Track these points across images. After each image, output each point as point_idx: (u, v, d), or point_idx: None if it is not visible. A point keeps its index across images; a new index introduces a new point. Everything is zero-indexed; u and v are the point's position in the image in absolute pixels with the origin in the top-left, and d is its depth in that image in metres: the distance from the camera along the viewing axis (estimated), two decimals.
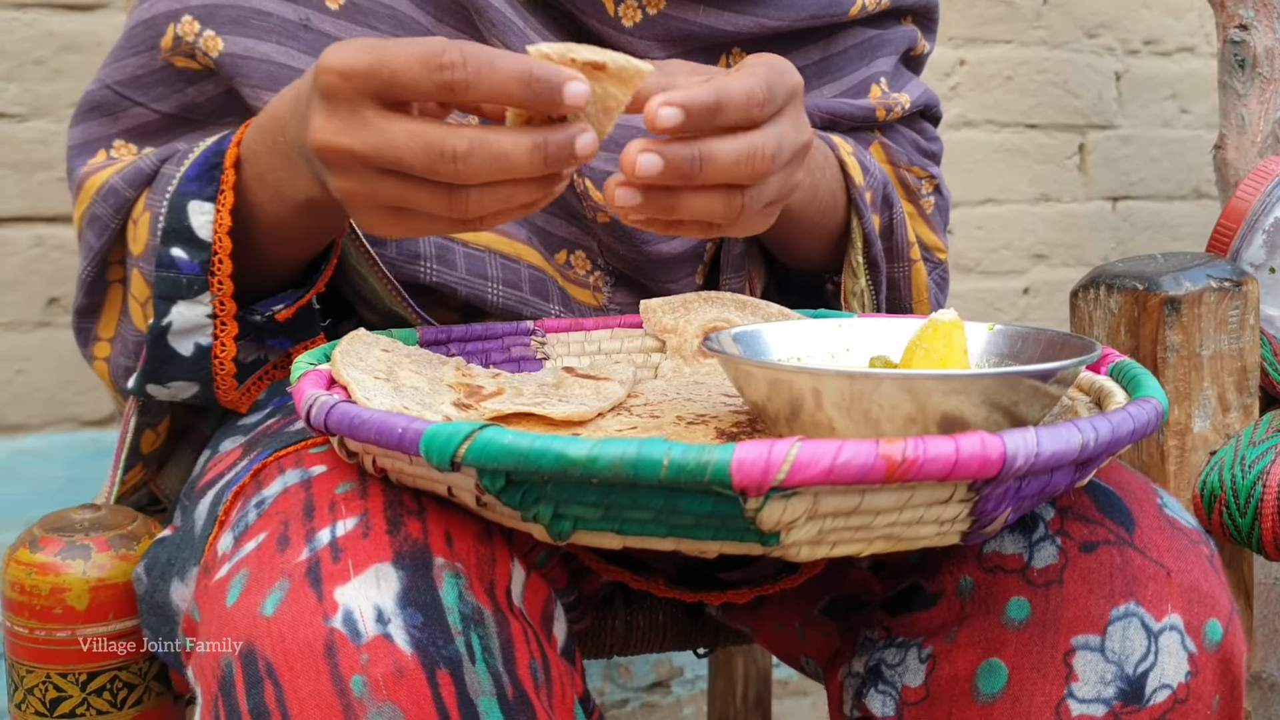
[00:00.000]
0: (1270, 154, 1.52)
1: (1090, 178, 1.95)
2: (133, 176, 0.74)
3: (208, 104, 0.77)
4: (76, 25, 1.30)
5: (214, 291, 0.64)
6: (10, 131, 1.29)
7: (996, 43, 1.84)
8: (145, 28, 0.77)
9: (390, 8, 0.76)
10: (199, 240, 0.63)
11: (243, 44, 0.73)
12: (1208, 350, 0.88)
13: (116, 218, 0.74)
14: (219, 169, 0.64)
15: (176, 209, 0.64)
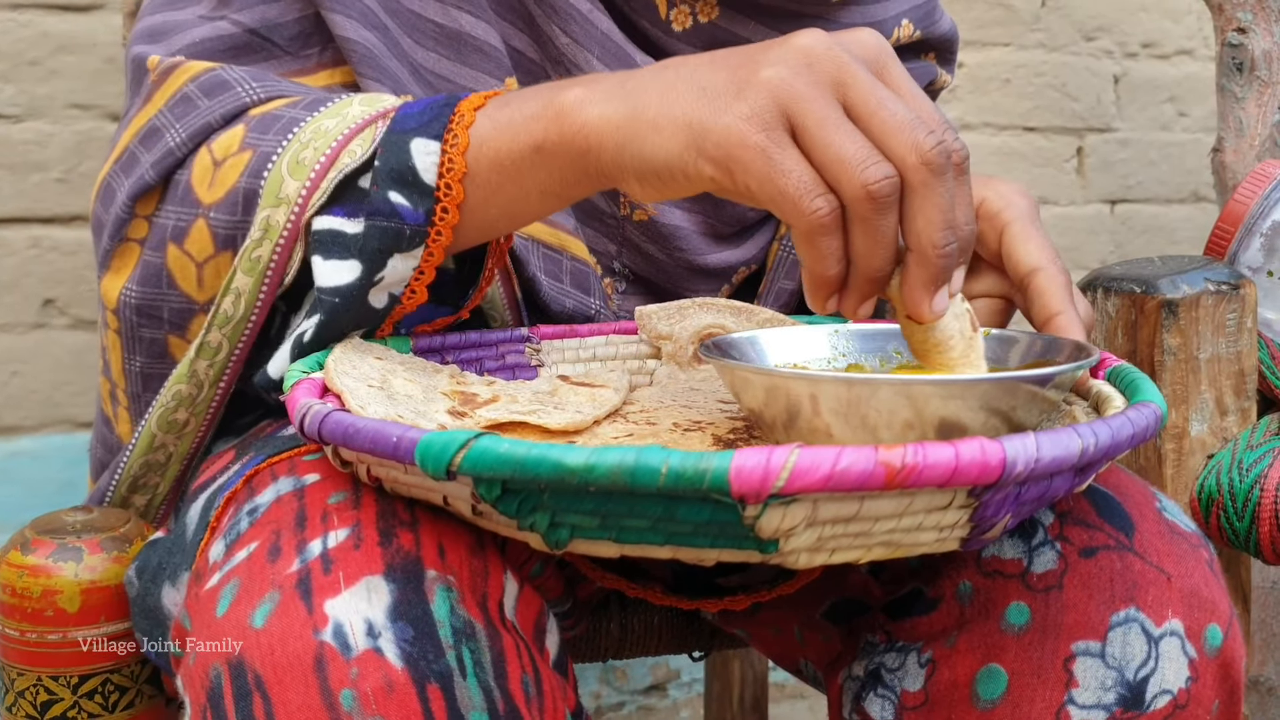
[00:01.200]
0: (1268, 157, 1.52)
1: (1088, 181, 1.95)
2: (217, 89, 0.66)
3: (290, 25, 0.72)
4: (72, 26, 1.30)
5: (429, 244, 0.58)
6: (6, 132, 1.28)
7: (995, 45, 1.84)
8: None
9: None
10: (422, 184, 0.57)
11: None
12: (1205, 354, 0.88)
13: (189, 142, 0.66)
14: (449, 109, 0.58)
15: (396, 147, 0.58)
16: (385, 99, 0.62)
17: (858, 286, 0.51)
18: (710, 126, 0.49)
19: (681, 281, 0.82)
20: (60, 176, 1.31)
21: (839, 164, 0.47)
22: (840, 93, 0.49)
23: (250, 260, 0.60)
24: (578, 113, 0.53)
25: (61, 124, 1.31)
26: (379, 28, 0.72)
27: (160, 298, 0.65)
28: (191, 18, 0.73)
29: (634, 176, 0.52)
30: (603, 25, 0.77)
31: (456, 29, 0.75)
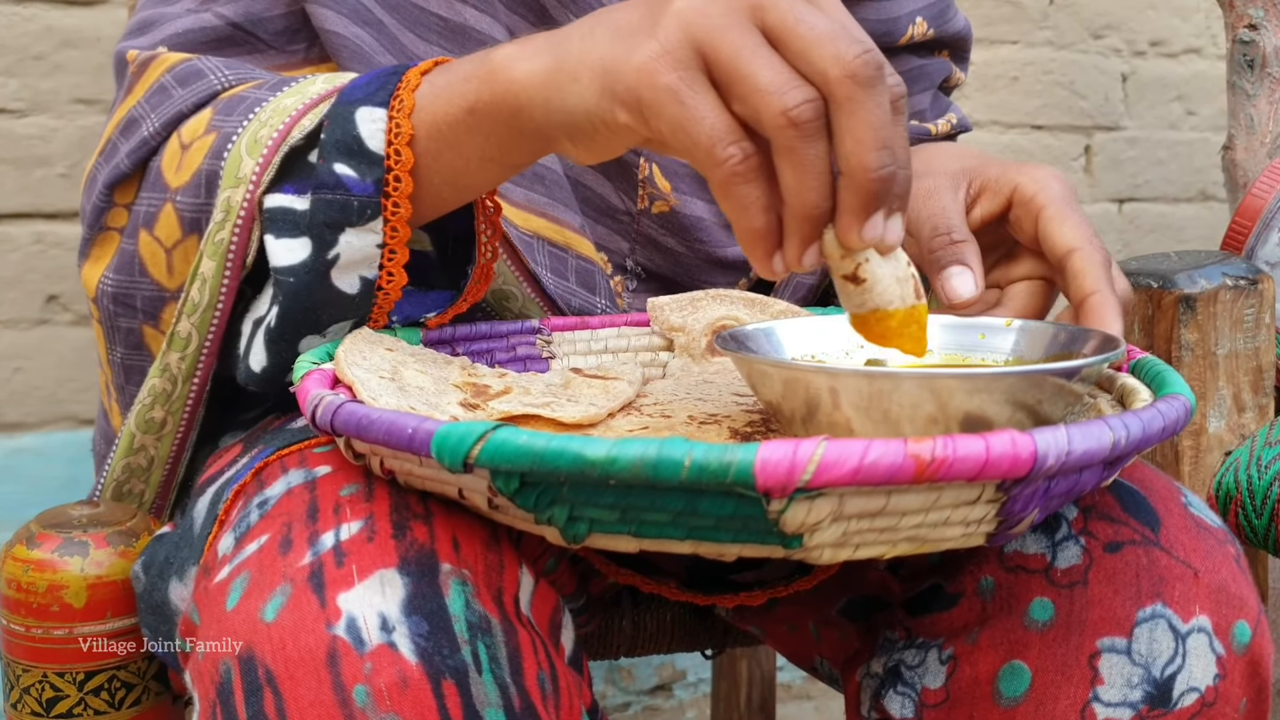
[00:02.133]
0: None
1: (1096, 179, 1.94)
2: (191, 78, 0.65)
3: (275, 20, 0.71)
4: (77, 20, 1.29)
5: (388, 216, 0.56)
6: (9, 127, 1.27)
7: (1003, 43, 1.83)
8: None
9: None
10: (369, 153, 0.55)
11: None
12: (1223, 349, 0.87)
13: (163, 131, 0.65)
14: (397, 76, 0.56)
15: (341, 118, 0.55)
16: (349, 76, 0.61)
17: (796, 229, 0.46)
18: (621, 68, 0.46)
19: (698, 275, 0.81)
20: (64, 172, 1.30)
21: (756, 94, 0.44)
22: (758, 16, 0.45)
23: (214, 244, 0.59)
24: (506, 70, 0.51)
25: (65, 119, 1.30)
26: (372, 23, 0.71)
27: (133, 285, 0.64)
28: (178, 10, 0.72)
29: (563, 133, 0.50)
30: None
31: (460, 22, 0.74)
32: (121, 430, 0.67)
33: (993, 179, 0.64)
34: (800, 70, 0.45)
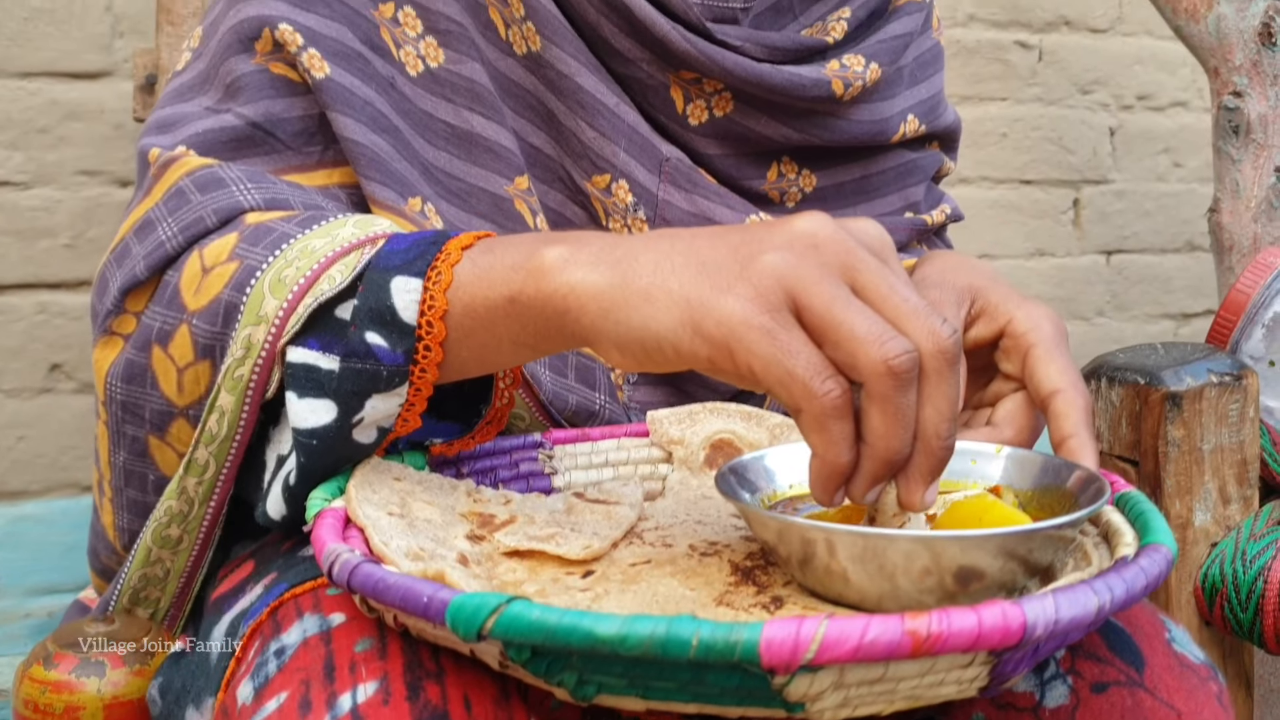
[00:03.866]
0: (1264, 219, 1.54)
1: (1084, 232, 1.97)
2: (211, 185, 0.66)
3: (294, 122, 0.72)
4: (81, 94, 1.31)
5: (414, 381, 0.56)
6: (14, 199, 1.29)
7: (992, 100, 1.86)
8: (235, 33, 0.72)
9: (469, 80, 0.76)
10: (401, 324, 0.55)
11: (349, 78, 0.71)
12: (1208, 444, 0.89)
13: (180, 236, 0.66)
14: (436, 246, 0.57)
15: (376, 285, 0.56)
16: (379, 223, 0.62)
17: (872, 470, 0.49)
18: (712, 305, 0.47)
19: (694, 374, 0.82)
20: (68, 242, 1.32)
21: (853, 341, 0.46)
22: (849, 276, 0.48)
23: (233, 379, 0.60)
24: (559, 273, 0.51)
25: (69, 190, 1.32)
26: (389, 130, 0.72)
27: (143, 397, 0.65)
28: (198, 110, 0.73)
29: (614, 344, 0.50)
30: (629, 118, 0.78)
31: (468, 130, 0.76)
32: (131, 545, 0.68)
33: (992, 305, 0.66)
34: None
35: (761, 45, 0.80)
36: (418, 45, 0.75)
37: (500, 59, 0.77)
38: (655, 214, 0.80)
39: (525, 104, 0.78)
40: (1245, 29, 1.49)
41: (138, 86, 1.15)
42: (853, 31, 0.85)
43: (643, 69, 0.78)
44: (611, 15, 0.76)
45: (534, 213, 0.77)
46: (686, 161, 0.81)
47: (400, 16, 0.75)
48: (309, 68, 0.70)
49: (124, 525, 0.70)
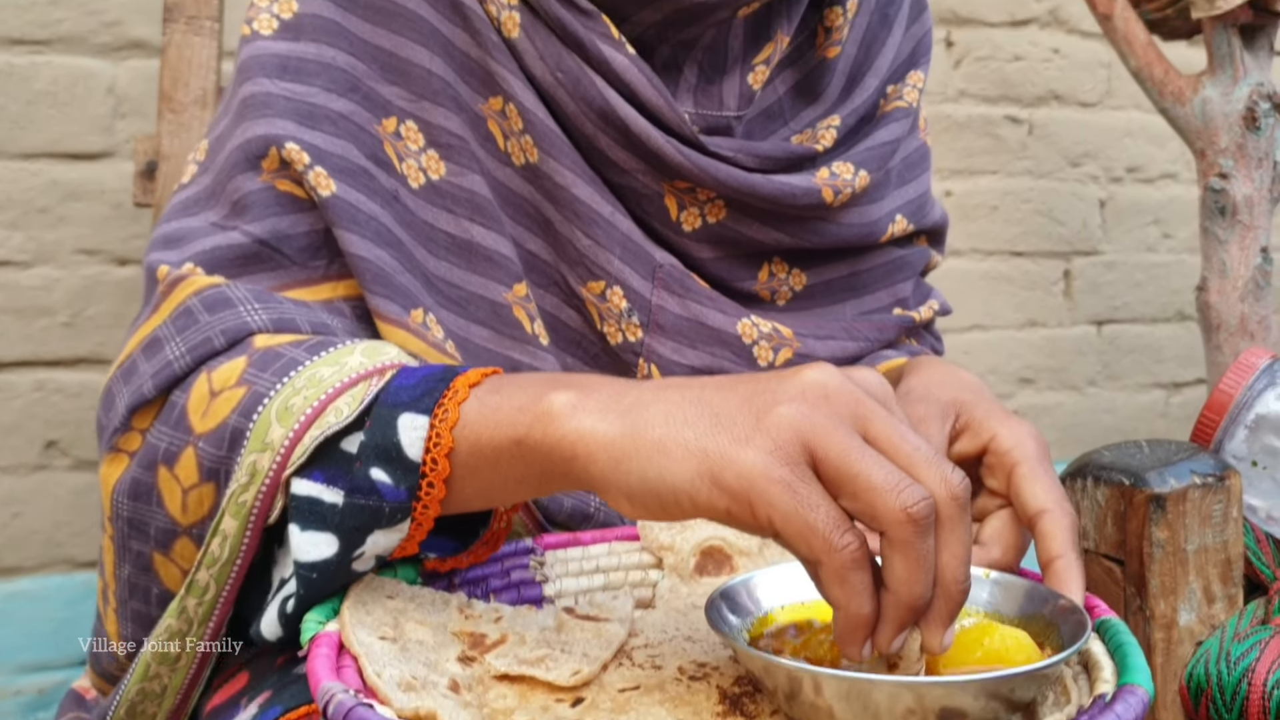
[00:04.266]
0: (1251, 298, 1.55)
1: (1075, 303, 1.99)
2: (219, 306, 0.67)
3: (300, 238, 0.73)
4: (81, 174, 1.33)
5: (416, 517, 0.57)
6: (14, 278, 1.31)
7: (983, 174, 1.88)
8: (242, 151, 0.73)
9: (469, 191, 0.77)
10: (406, 461, 0.56)
11: (354, 194, 0.73)
12: (1193, 545, 0.90)
13: (188, 356, 0.66)
14: (444, 383, 0.57)
15: (383, 421, 0.57)
16: (386, 351, 0.63)
17: (896, 617, 0.49)
18: (732, 457, 0.48)
19: None
20: (66, 320, 1.33)
21: (871, 491, 0.47)
22: (860, 425, 0.49)
23: (237, 504, 0.61)
24: (567, 419, 0.52)
25: (68, 269, 1.33)
26: (392, 244, 0.74)
27: (149, 514, 0.66)
28: (204, 225, 0.74)
29: (625, 494, 0.50)
30: (623, 226, 0.80)
31: (468, 239, 0.77)
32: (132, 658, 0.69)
33: (976, 421, 0.67)
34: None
35: (753, 155, 0.82)
36: (419, 158, 0.77)
37: (499, 169, 0.79)
38: (649, 319, 0.81)
39: (523, 212, 0.79)
40: (1230, 113, 1.51)
41: (138, 172, 1.17)
42: (842, 139, 0.87)
43: (638, 179, 0.80)
44: (608, 129, 0.78)
45: (531, 319, 0.78)
46: (679, 267, 0.82)
47: (403, 130, 0.76)
48: (315, 185, 0.71)
49: (127, 635, 0.70)
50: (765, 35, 0.84)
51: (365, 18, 0.75)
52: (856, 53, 0.90)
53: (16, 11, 1.29)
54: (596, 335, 0.81)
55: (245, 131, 0.73)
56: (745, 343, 0.84)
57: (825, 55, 0.88)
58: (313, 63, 0.74)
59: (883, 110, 0.91)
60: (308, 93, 0.74)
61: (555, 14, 0.75)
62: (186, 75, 1.18)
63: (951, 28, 1.82)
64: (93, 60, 1.32)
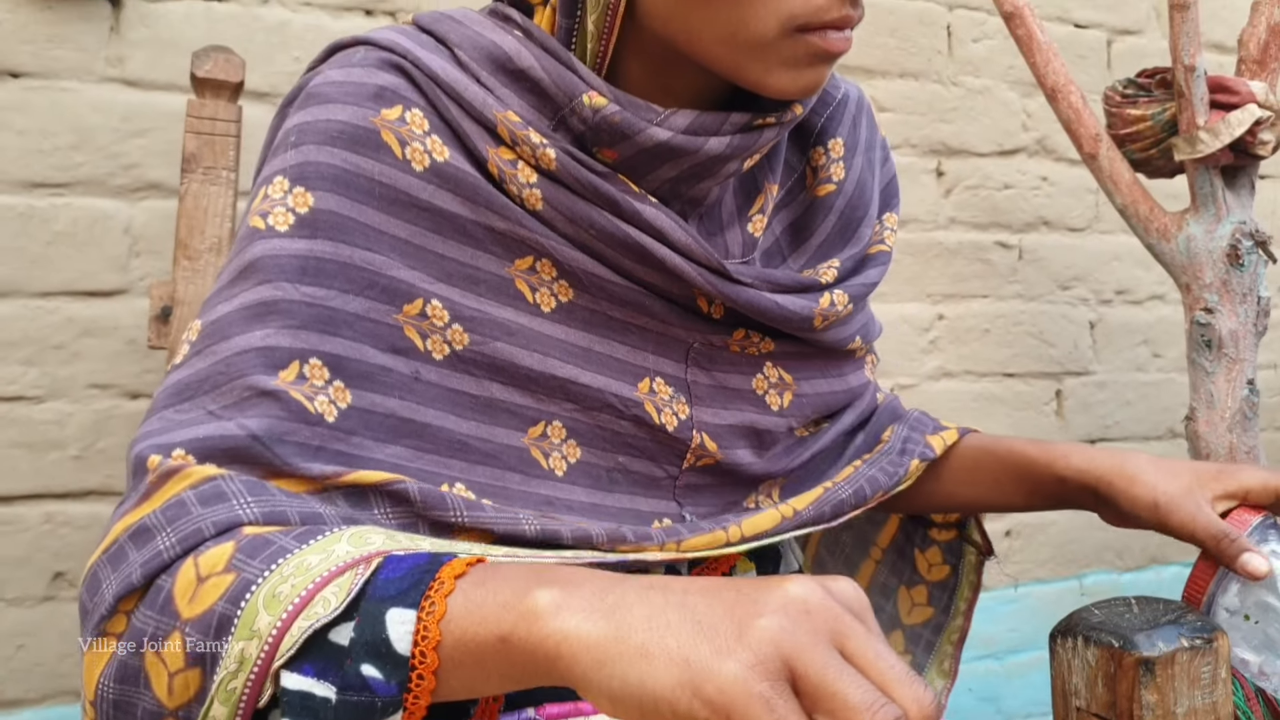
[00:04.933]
0: (1239, 429, 1.58)
1: (1067, 423, 2.01)
2: (213, 499, 0.68)
3: (296, 442, 0.73)
4: (96, 311, 1.36)
5: (408, 707, 0.58)
6: (27, 413, 1.33)
7: (974, 298, 1.92)
8: (263, 355, 0.74)
9: (489, 357, 0.80)
10: (396, 656, 0.57)
11: (369, 398, 0.75)
12: (1182, 707, 0.92)
13: (178, 546, 0.67)
14: (430, 574, 0.59)
15: (372, 617, 0.58)
16: (373, 538, 0.64)
17: None
18: (713, 670, 0.49)
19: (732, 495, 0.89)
20: (77, 454, 1.35)
21: (848, 710, 0.48)
22: (839, 641, 0.51)
23: (226, 691, 0.61)
24: (551, 619, 0.53)
25: (81, 403, 1.36)
26: (410, 434, 0.75)
27: (136, 695, 0.66)
28: (200, 413, 0.75)
29: (607, 697, 0.52)
30: (656, 329, 0.86)
31: (489, 397, 0.80)
32: None
33: None
34: None
35: (768, 282, 0.87)
36: (445, 333, 0.79)
37: (532, 320, 0.82)
38: (689, 395, 0.88)
39: (566, 351, 0.83)
40: (1214, 249, 1.56)
41: (153, 317, 1.20)
42: (841, 277, 0.92)
43: (674, 292, 0.85)
44: (643, 265, 0.82)
45: (546, 455, 0.82)
46: (706, 342, 0.88)
47: (428, 310, 0.79)
48: (335, 399, 0.74)
49: None
50: (754, 190, 0.89)
51: (380, 209, 0.77)
52: (852, 193, 0.95)
53: (40, 156, 1.33)
54: (651, 431, 0.85)
55: (268, 338, 0.74)
56: (759, 394, 0.91)
57: (816, 194, 0.93)
58: (330, 262, 0.76)
59: (869, 252, 0.96)
60: (326, 296, 0.76)
61: (581, 177, 0.79)
62: (202, 223, 1.22)
63: (942, 158, 1.88)
64: (111, 201, 1.36)
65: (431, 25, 0.82)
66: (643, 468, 0.87)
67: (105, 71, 1.35)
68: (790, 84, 0.76)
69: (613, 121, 0.78)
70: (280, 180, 0.77)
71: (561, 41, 0.80)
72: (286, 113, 0.81)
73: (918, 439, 1.00)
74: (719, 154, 0.79)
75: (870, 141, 0.97)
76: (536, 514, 0.77)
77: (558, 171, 0.79)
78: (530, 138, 0.78)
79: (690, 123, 0.78)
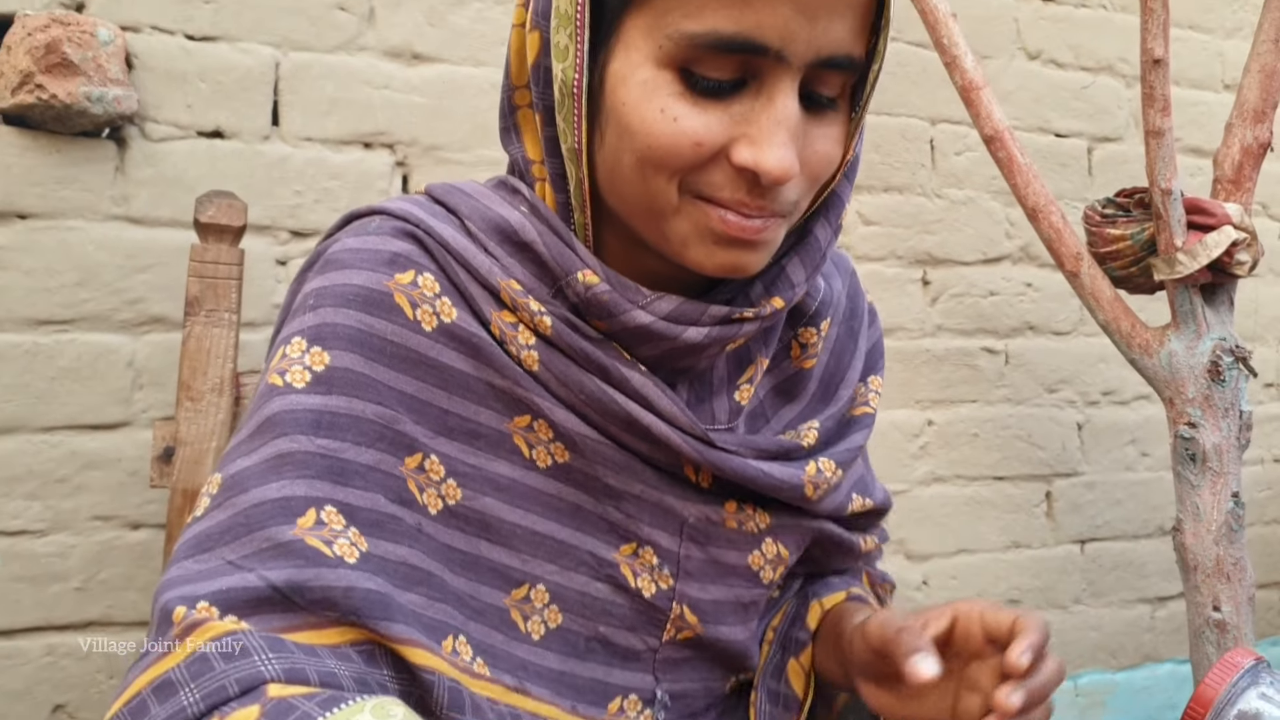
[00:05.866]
0: (1225, 541, 1.60)
1: (1058, 523, 2.04)
2: (236, 656, 0.70)
3: (316, 590, 0.75)
4: (100, 444, 1.38)
5: None
6: (30, 546, 1.35)
7: (963, 403, 1.95)
8: (280, 506, 0.76)
9: (479, 513, 0.82)
10: None
11: (384, 546, 0.77)
12: None
13: (202, 703, 0.69)
14: None
15: None
16: (394, 713, 0.66)
17: None
18: None
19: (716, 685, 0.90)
20: (79, 585, 1.37)
21: None
22: None
23: None
24: None
25: (83, 535, 1.37)
26: (421, 581, 0.78)
27: None
28: (220, 564, 0.77)
29: None
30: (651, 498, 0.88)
31: (476, 554, 0.83)
32: None
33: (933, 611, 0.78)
34: None
35: (752, 448, 0.89)
36: (439, 487, 0.82)
37: (526, 475, 0.85)
38: (678, 568, 0.89)
39: (551, 507, 0.85)
40: (1195, 365, 1.59)
41: (155, 457, 1.22)
42: (823, 439, 0.95)
43: (660, 460, 0.87)
44: (631, 432, 0.85)
45: (525, 618, 0.84)
46: (704, 519, 0.90)
47: (426, 465, 0.82)
48: (355, 541, 0.76)
49: None
50: (747, 360, 0.92)
51: (391, 365, 0.81)
52: (829, 361, 0.98)
53: (46, 295, 1.36)
54: (627, 596, 0.87)
55: (284, 489, 0.77)
56: (754, 569, 0.92)
57: (802, 366, 0.96)
58: (344, 416, 0.79)
59: (852, 413, 0.99)
60: (340, 448, 0.79)
61: (577, 344, 0.82)
62: (205, 364, 1.25)
63: (928, 267, 1.92)
64: (114, 336, 1.39)
65: (443, 196, 0.86)
66: (623, 640, 0.88)
67: (110, 210, 1.39)
68: (706, 260, 0.78)
69: (602, 300, 0.81)
70: (298, 340, 0.80)
71: (560, 216, 0.83)
72: (305, 277, 0.85)
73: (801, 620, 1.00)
74: (697, 343, 0.82)
75: (852, 311, 1.00)
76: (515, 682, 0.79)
77: (554, 337, 0.82)
78: (530, 305, 0.81)
79: (671, 310, 0.81)
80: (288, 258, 1.48)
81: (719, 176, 0.74)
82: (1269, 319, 2.26)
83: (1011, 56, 1.99)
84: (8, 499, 1.34)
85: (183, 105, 1.42)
